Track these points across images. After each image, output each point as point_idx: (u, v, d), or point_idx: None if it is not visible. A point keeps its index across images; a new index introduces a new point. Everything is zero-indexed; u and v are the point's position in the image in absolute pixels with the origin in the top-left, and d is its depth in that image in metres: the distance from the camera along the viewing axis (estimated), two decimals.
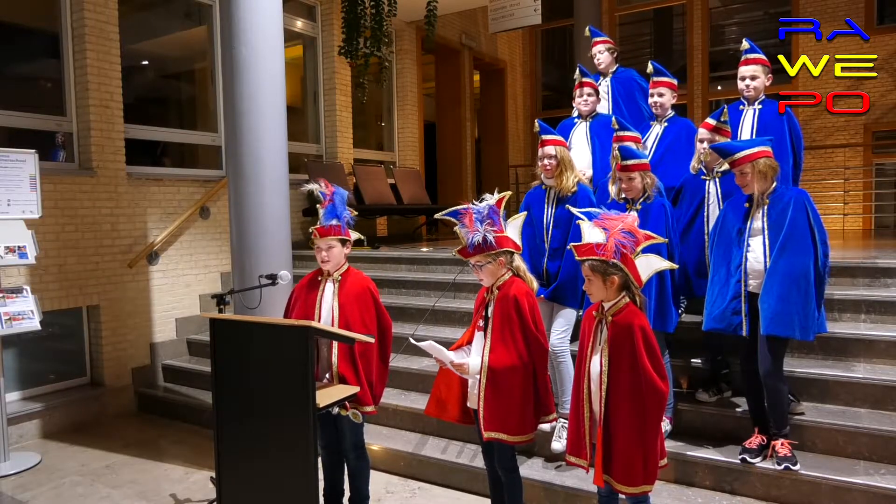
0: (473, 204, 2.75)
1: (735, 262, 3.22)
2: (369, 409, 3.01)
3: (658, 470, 2.49)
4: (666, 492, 3.28)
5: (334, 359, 2.98)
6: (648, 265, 2.51)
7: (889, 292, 4.00)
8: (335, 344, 2.96)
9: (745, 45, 3.82)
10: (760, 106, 3.79)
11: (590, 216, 2.55)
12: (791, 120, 3.73)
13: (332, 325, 2.99)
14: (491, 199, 2.76)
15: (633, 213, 2.78)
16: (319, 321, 3.02)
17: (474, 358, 2.76)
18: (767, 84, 3.81)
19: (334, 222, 3.04)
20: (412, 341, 2.91)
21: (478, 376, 2.72)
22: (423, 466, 3.85)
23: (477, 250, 2.70)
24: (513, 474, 2.88)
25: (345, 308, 3.01)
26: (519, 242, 2.83)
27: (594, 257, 2.44)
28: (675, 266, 2.84)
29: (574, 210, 2.87)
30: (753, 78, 3.78)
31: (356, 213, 3.19)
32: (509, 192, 2.85)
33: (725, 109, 3.62)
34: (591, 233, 2.48)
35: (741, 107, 3.83)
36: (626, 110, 4.53)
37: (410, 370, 4.53)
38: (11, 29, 5.31)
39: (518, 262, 2.83)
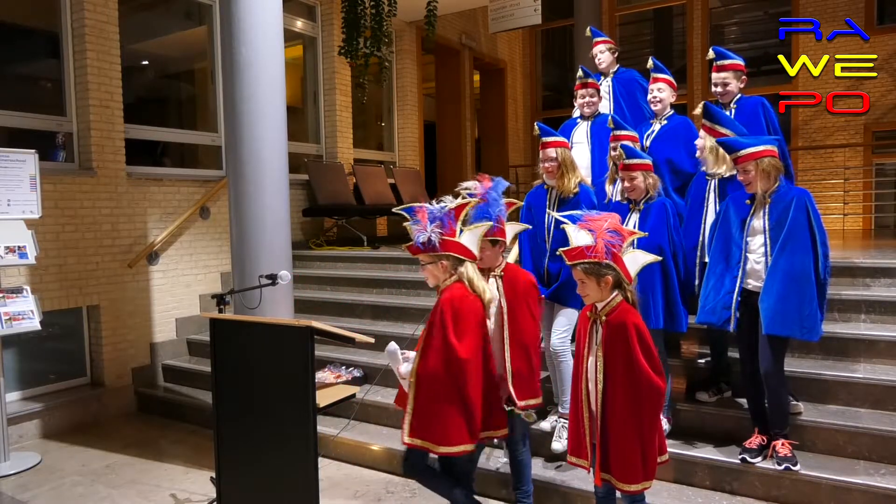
0: (430, 204, 2.82)
1: (733, 258, 3.22)
2: (536, 401, 2.95)
3: (657, 466, 2.50)
4: (666, 492, 3.28)
5: (507, 353, 2.90)
6: (635, 261, 2.54)
7: (889, 292, 4.00)
8: (506, 339, 2.90)
9: (711, 54, 3.85)
10: (735, 106, 3.80)
11: (573, 219, 2.56)
12: (768, 113, 3.73)
13: (503, 321, 2.90)
14: (452, 203, 2.81)
15: (616, 213, 2.78)
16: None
17: (405, 365, 2.82)
18: (741, 86, 3.83)
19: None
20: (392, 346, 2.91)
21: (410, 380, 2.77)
22: None
23: (420, 249, 2.79)
24: (417, 476, 2.95)
25: (512, 303, 2.93)
26: (475, 251, 2.83)
27: (586, 260, 2.45)
28: (660, 258, 2.84)
29: (556, 214, 2.91)
30: (725, 85, 3.81)
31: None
32: (475, 200, 2.91)
33: (706, 104, 3.59)
34: (578, 236, 2.49)
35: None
36: (628, 110, 4.53)
37: None
38: (11, 29, 5.31)
39: (468, 270, 2.81)
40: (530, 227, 3.54)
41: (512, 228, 3.02)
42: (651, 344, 2.44)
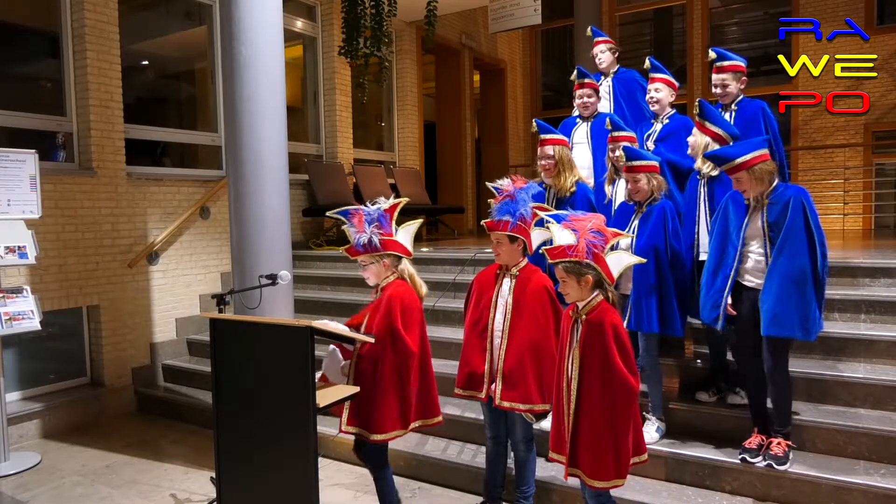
0: (365, 206, 2.92)
1: (728, 257, 3.22)
2: (538, 407, 2.92)
3: (632, 466, 2.52)
4: (666, 491, 3.28)
5: (502, 352, 2.95)
6: (619, 261, 2.57)
7: (889, 292, 4.00)
8: (504, 338, 2.95)
9: (712, 55, 3.87)
10: (736, 108, 3.80)
11: (558, 218, 2.60)
12: (768, 118, 3.75)
13: (504, 321, 2.96)
14: (385, 203, 2.93)
15: (601, 214, 2.80)
16: (495, 315, 3.00)
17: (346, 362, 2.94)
18: (742, 87, 3.84)
19: (505, 218, 2.93)
20: (327, 322, 2.96)
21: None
22: (423, 466, 3.85)
23: (362, 250, 2.89)
24: (381, 471, 3.04)
25: (519, 302, 2.96)
26: (410, 248, 2.98)
27: (567, 259, 2.49)
28: (644, 260, 2.84)
29: (542, 213, 2.92)
30: (724, 86, 3.82)
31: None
32: (406, 199, 3.03)
33: (698, 101, 3.60)
34: (562, 235, 2.53)
35: (720, 110, 3.83)
36: (628, 110, 4.54)
37: None
38: (11, 29, 5.31)
39: (408, 267, 2.99)
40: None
41: (539, 235, 3.01)
42: (627, 344, 2.48)
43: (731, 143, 3.34)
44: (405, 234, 2.97)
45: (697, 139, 3.54)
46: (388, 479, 3.08)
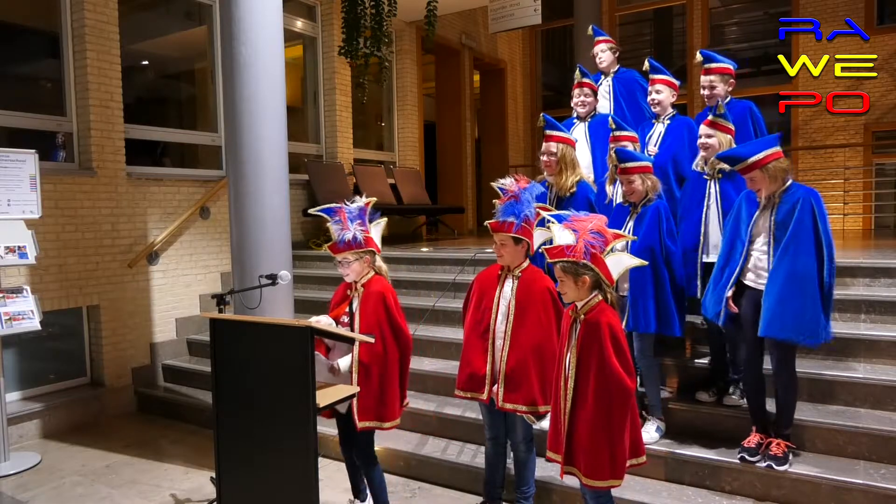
0: (346, 204, 2.99)
1: (735, 254, 3.22)
2: (542, 408, 2.90)
3: (628, 467, 2.52)
4: (666, 491, 3.28)
5: (504, 354, 2.95)
6: (619, 263, 2.57)
7: (889, 292, 4.00)
8: (507, 339, 2.95)
9: (699, 57, 3.90)
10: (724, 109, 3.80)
11: (560, 218, 2.61)
12: (756, 118, 3.75)
13: (507, 323, 2.95)
14: (360, 201, 3.03)
15: (603, 215, 2.79)
16: (497, 316, 3.00)
17: (344, 360, 2.98)
18: (729, 90, 3.85)
19: (510, 219, 2.92)
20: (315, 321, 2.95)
21: (349, 372, 2.95)
22: (423, 466, 3.85)
23: (346, 247, 2.95)
24: (374, 467, 3.11)
25: (521, 304, 2.95)
26: (380, 245, 3.10)
27: (565, 259, 2.49)
28: (645, 262, 2.81)
29: (544, 213, 2.92)
30: (712, 88, 3.84)
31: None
32: (374, 199, 3.13)
33: (721, 102, 3.61)
34: (562, 235, 2.54)
35: (709, 112, 3.84)
36: (628, 110, 4.54)
37: (412, 370, 4.51)
38: (11, 29, 5.31)
39: (380, 262, 3.10)
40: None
41: (541, 235, 3.01)
42: (624, 344, 2.48)
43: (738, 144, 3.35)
44: (376, 232, 3.09)
45: (719, 138, 3.50)
46: (381, 477, 3.13)
